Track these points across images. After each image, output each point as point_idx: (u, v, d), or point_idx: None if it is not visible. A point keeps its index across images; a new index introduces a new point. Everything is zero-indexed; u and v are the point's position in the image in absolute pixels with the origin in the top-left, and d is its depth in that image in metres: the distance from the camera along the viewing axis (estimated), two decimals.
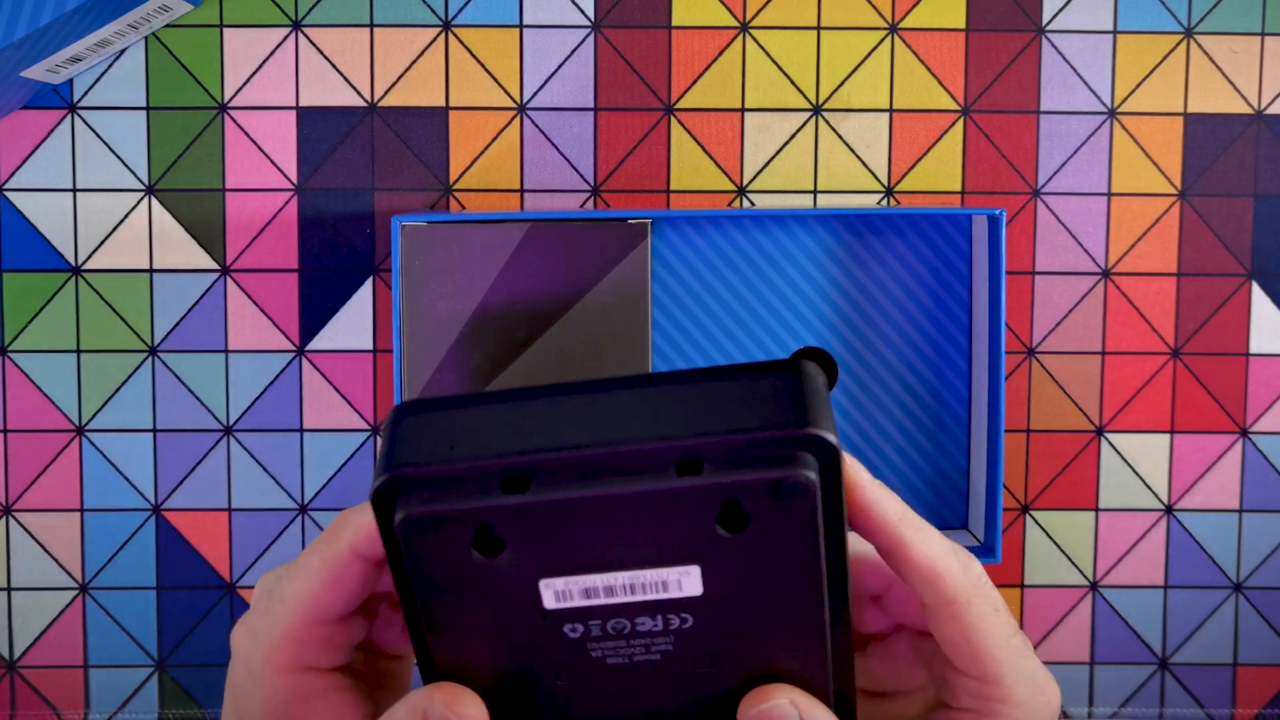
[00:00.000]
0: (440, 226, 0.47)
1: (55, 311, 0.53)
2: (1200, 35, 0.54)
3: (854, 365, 0.52)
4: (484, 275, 0.47)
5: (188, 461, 0.54)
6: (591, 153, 0.54)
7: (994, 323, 0.50)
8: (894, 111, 0.54)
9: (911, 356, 0.52)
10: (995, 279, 0.49)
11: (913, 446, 0.53)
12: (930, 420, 0.53)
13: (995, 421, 0.50)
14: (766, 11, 0.53)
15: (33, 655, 0.54)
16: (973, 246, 0.52)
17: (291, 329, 0.54)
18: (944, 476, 0.53)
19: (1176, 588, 0.55)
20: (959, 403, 0.53)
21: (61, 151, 0.53)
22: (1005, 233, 0.48)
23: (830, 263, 0.52)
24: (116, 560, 0.54)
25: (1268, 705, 0.56)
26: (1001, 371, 0.49)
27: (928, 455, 0.53)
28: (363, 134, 0.53)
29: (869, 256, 0.52)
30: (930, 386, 0.53)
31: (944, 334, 0.52)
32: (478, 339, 0.47)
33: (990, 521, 0.50)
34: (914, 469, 0.53)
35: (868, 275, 0.52)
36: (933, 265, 0.52)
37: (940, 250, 0.52)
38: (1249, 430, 0.55)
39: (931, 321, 0.52)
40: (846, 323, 0.52)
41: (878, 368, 0.52)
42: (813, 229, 0.52)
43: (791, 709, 0.32)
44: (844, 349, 0.52)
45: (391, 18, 0.53)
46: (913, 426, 0.53)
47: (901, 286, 0.52)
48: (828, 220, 0.52)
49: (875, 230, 0.52)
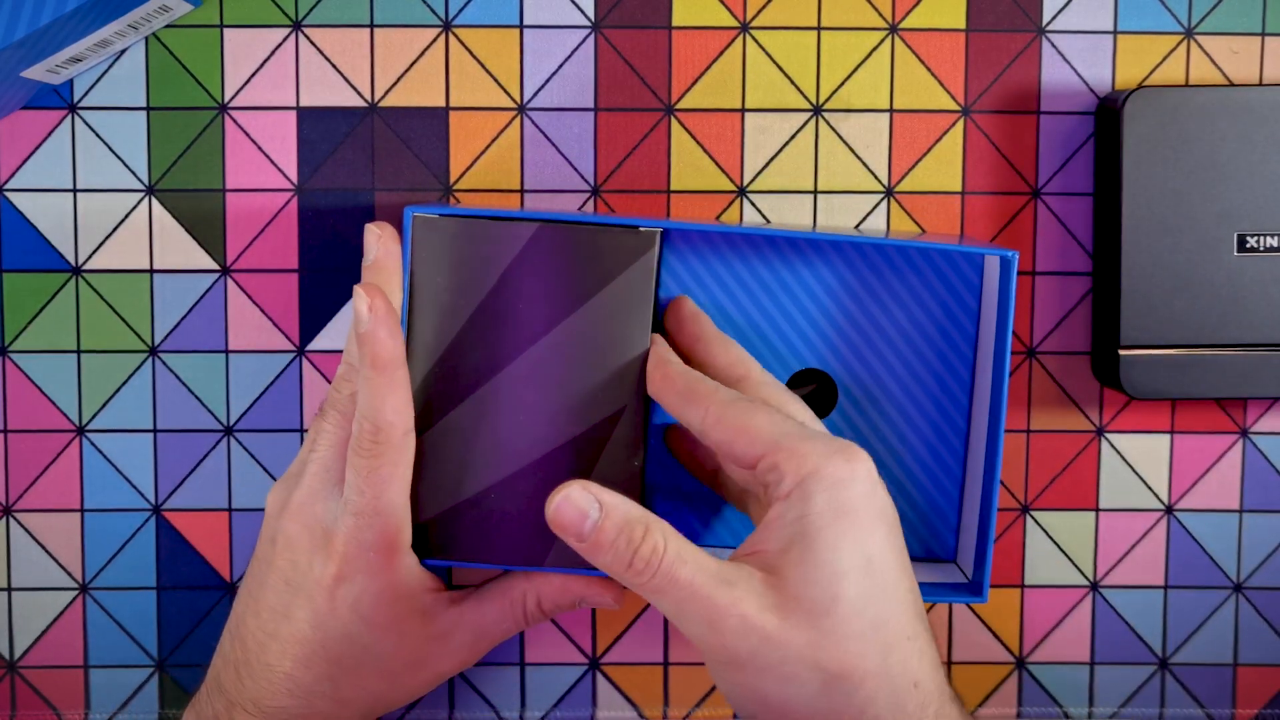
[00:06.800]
0: (452, 219, 0.47)
1: (55, 311, 0.53)
2: (1200, 35, 0.54)
3: (855, 391, 0.52)
4: (491, 271, 0.47)
5: (188, 461, 0.54)
6: (591, 153, 0.54)
7: (998, 365, 0.49)
8: (894, 112, 0.54)
9: (913, 388, 0.52)
10: (1003, 320, 0.48)
11: (907, 477, 0.52)
12: (927, 452, 0.52)
13: (993, 456, 0.49)
14: (766, 11, 0.53)
15: (33, 655, 0.54)
16: (984, 282, 0.51)
17: (291, 329, 0.54)
18: (935, 510, 0.53)
19: (1176, 588, 0.55)
20: (957, 437, 0.52)
21: (62, 151, 0.53)
22: (1016, 276, 0.48)
23: (840, 289, 0.52)
24: (116, 560, 0.54)
25: (1268, 705, 0.56)
26: (1002, 409, 0.48)
27: (921, 487, 0.52)
28: (363, 134, 0.53)
29: (879, 286, 0.52)
30: (929, 418, 0.52)
31: (948, 368, 0.52)
32: (479, 335, 0.47)
33: (979, 560, 0.50)
34: (907, 500, 0.52)
35: (876, 304, 0.52)
36: (942, 299, 0.52)
37: (951, 284, 0.52)
38: (1249, 430, 0.55)
39: (936, 354, 0.52)
40: (851, 349, 0.52)
41: (878, 396, 0.52)
42: (825, 254, 0.51)
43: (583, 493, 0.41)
44: (846, 374, 0.52)
45: (391, 18, 0.53)
46: (909, 457, 0.52)
47: (909, 317, 0.52)
48: (840, 247, 0.51)
49: (887, 261, 0.51)
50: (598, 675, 0.55)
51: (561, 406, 0.48)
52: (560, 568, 0.48)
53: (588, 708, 0.55)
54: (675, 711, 0.55)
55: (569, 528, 0.41)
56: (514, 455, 0.48)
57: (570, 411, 0.48)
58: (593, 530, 0.40)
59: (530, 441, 0.48)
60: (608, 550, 0.40)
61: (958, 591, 0.50)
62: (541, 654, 0.55)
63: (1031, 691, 0.55)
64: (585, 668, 0.55)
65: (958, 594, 0.50)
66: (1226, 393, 0.52)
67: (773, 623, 0.40)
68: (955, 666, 0.55)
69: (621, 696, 0.55)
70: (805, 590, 0.40)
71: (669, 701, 0.55)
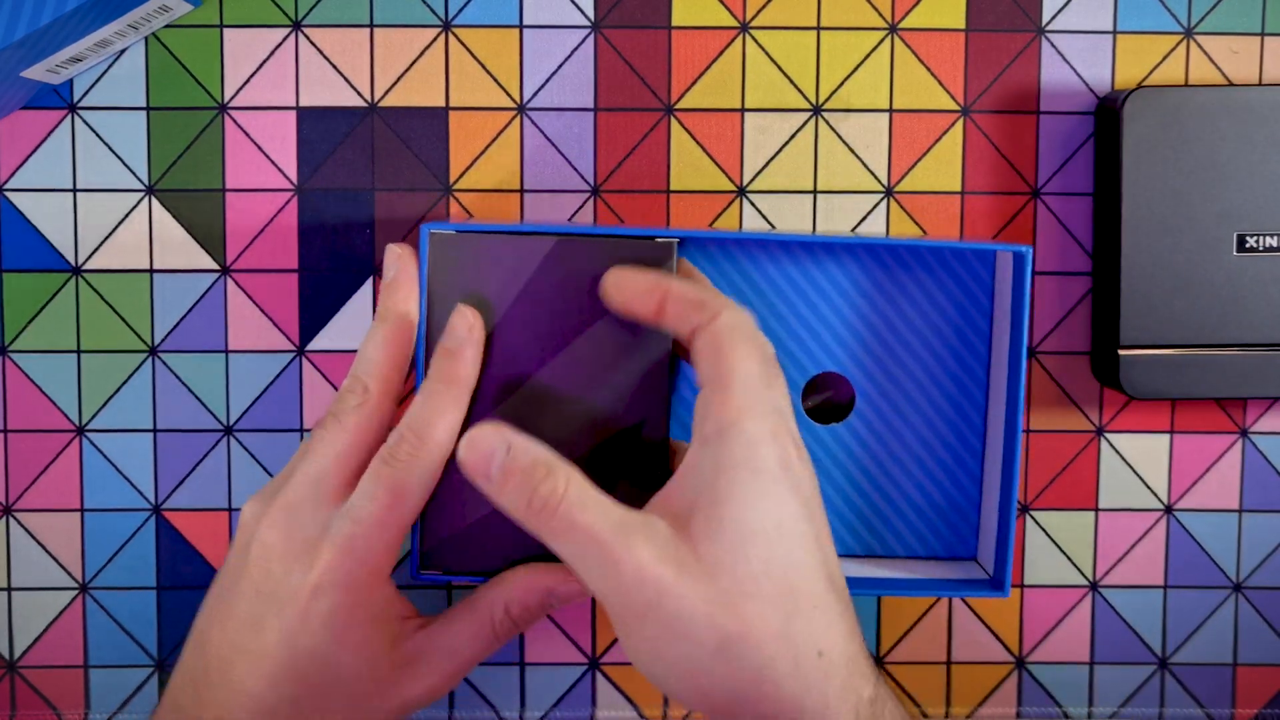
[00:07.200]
0: (468, 236, 0.47)
1: (55, 311, 0.53)
2: (1200, 35, 0.54)
3: (872, 393, 0.52)
4: (509, 287, 0.47)
5: (188, 461, 0.54)
6: (591, 153, 0.54)
7: (1014, 360, 0.49)
8: (894, 111, 0.54)
9: (929, 386, 0.52)
10: (1018, 316, 0.49)
11: (926, 476, 0.53)
12: (945, 450, 0.52)
13: (1010, 454, 0.49)
14: (766, 11, 0.53)
15: (33, 655, 0.54)
16: (995, 280, 0.51)
17: (291, 329, 0.54)
18: (956, 508, 0.53)
19: (1176, 588, 0.55)
20: (974, 435, 0.52)
21: (61, 151, 0.53)
22: (1030, 271, 0.48)
23: (854, 291, 0.52)
24: (116, 560, 0.54)
25: (1268, 705, 0.56)
26: (1020, 405, 0.49)
27: (940, 486, 0.53)
28: (363, 134, 0.53)
29: (892, 287, 0.52)
30: (947, 418, 0.52)
31: (962, 366, 0.52)
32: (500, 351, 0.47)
33: (1000, 554, 0.50)
34: (927, 499, 0.53)
35: (890, 305, 0.52)
36: (955, 297, 0.52)
37: (963, 282, 0.52)
38: (1249, 430, 0.55)
39: (950, 353, 0.52)
40: (867, 351, 0.52)
41: (895, 397, 0.52)
42: (836, 256, 0.51)
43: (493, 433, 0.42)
44: (863, 377, 0.52)
45: (391, 18, 0.53)
46: (927, 456, 0.52)
47: (923, 318, 0.52)
48: (852, 249, 0.51)
49: (899, 260, 0.51)
50: (598, 675, 0.55)
51: (584, 419, 0.47)
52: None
53: (588, 708, 0.55)
54: (675, 711, 0.55)
55: (476, 466, 0.41)
56: None
57: (593, 423, 0.47)
58: (499, 470, 0.41)
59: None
60: (511, 489, 0.41)
61: (980, 587, 0.50)
62: (541, 654, 0.55)
63: (1031, 691, 0.55)
64: (585, 668, 0.55)
65: (980, 589, 0.50)
66: (1226, 393, 0.52)
67: (670, 575, 0.39)
68: (955, 666, 0.55)
69: (621, 696, 0.55)
70: (708, 547, 0.40)
71: (669, 701, 0.55)
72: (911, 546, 0.53)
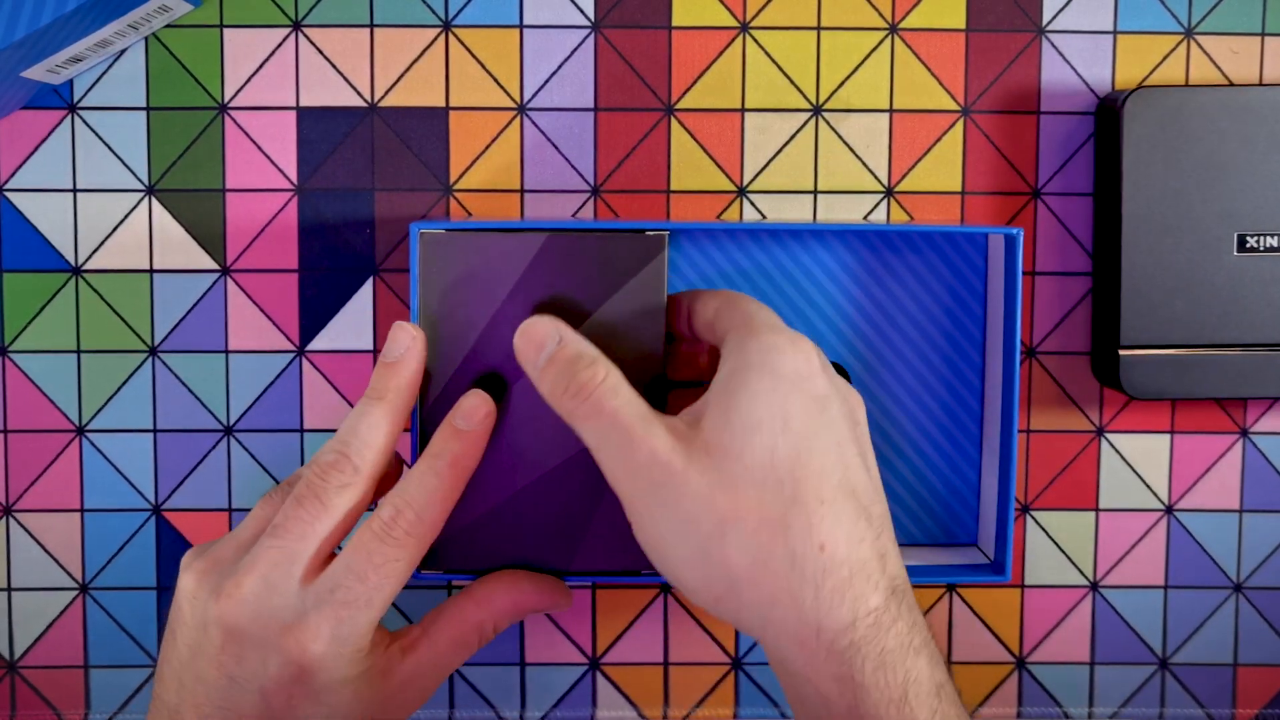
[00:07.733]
0: (459, 234, 0.47)
1: (55, 311, 0.53)
2: (1200, 35, 0.54)
3: (867, 380, 0.52)
4: (501, 284, 0.47)
5: (188, 462, 0.54)
6: (591, 153, 0.54)
7: (1008, 341, 0.49)
8: (894, 112, 0.54)
9: (925, 373, 0.52)
10: (1011, 298, 0.49)
11: (924, 462, 0.53)
12: (943, 436, 0.53)
13: (1008, 439, 0.49)
14: (766, 12, 0.53)
15: (33, 655, 0.54)
16: (988, 265, 0.52)
17: (291, 329, 0.54)
18: (955, 493, 0.53)
19: (1176, 588, 0.55)
20: (972, 420, 0.53)
21: (61, 151, 0.53)
22: (1022, 251, 0.48)
23: (846, 278, 0.52)
24: (116, 560, 0.54)
25: (1268, 705, 0.56)
26: (1015, 389, 0.49)
27: (939, 472, 0.53)
28: (363, 134, 0.53)
29: (885, 272, 0.52)
30: (943, 402, 0.52)
31: (958, 351, 0.52)
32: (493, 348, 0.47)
33: (1000, 539, 0.50)
34: (925, 485, 0.53)
35: (883, 291, 0.52)
36: (948, 282, 0.52)
37: (956, 267, 0.52)
38: (1249, 430, 0.55)
39: (946, 338, 0.52)
40: (861, 337, 0.52)
41: (891, 383, 0.52)
42: (829, 243, 0.52)
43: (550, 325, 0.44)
44: (858, 363, 0.52)
45: (391, 18, 0.53)
46: (925, 442, 0.53)
47: (917, 303, 0.52)
48: (845, 236, 0.52)
49: (892, 247, 0.52)
50: (598, 675, 0.55)
51: None
52: (586, 572, 0.48)
53: (588, 707, 0.55)
54: (675, 711, 0.55)
55: (525, 352, 0.44)
56: (531, 465, 0.47)
57: None
58: (547, 357, 0.43)
59: (548, 450, 0.47)
60: (553, 374, 0.43)
61: (981, 572, 0.50)
62: (541, 654, 0.55)
63: (1031, 691, 0.55)
64: (585, 667, 0.55)
65: (981, 574, 0.50)
66: (1226, 393, 0.52)
67: (679, 460, 0.41)
68: (955, 666, 0.55)
69: (621, 696, 0.55)
70: (716, 435, 0.41)
71: (669, 701, 0.55)
72: (911, 533, 0.53)
